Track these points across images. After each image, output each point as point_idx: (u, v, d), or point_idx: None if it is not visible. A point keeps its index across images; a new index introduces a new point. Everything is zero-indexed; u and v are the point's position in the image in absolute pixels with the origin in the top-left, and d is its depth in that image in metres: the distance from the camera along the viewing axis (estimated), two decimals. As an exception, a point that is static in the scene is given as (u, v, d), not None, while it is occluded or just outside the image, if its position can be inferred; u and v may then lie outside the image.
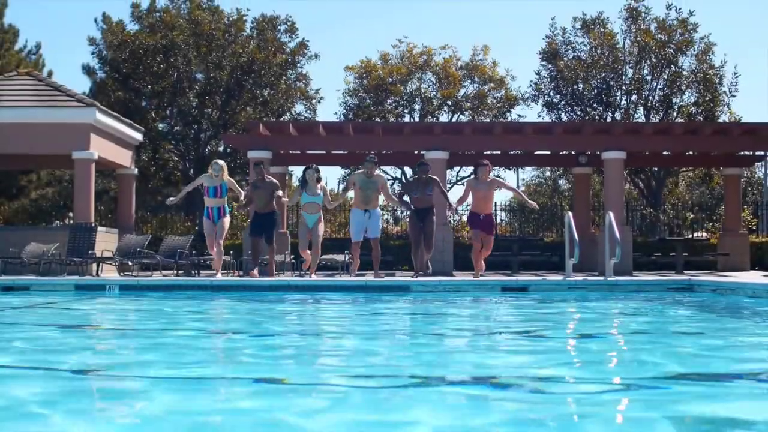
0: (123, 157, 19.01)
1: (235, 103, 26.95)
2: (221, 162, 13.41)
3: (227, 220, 13.31)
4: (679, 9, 26.38)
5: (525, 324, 7.61)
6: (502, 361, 4.92)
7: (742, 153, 19.96)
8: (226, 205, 13.37)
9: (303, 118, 28.17)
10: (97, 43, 27.84)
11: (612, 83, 26.67)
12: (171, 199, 14.12)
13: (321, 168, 13.34)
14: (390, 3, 69.26)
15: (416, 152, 19.44)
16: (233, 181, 13.50)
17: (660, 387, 3.92)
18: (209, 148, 27.79)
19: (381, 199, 13.46)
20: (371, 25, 69.69)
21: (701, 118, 25.97)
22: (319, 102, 28.85)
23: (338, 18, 70.27)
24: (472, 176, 13.92)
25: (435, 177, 13.54)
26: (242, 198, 13.69)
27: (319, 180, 13.13)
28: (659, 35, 26.24)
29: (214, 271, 13.41)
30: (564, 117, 26.81)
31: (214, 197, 13.22)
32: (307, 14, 61.87)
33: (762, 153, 20.07)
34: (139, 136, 19.83)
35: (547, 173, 38.10)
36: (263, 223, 13.29)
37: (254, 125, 18.16)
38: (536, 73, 27.71)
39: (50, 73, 28.10)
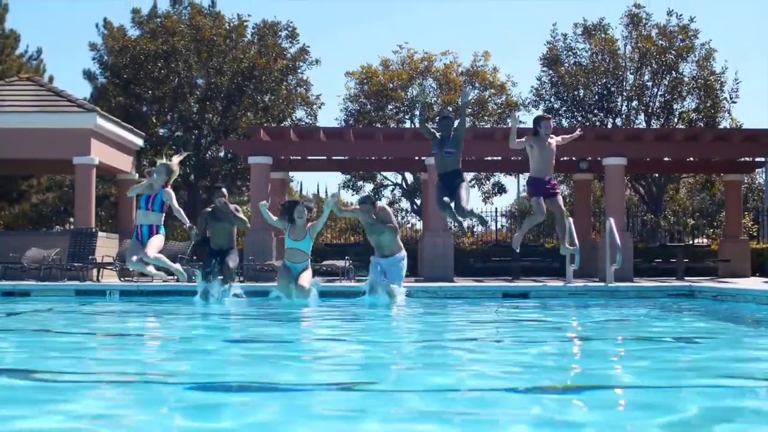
0: (124, 163, 19.02)
1: (235, 109, 26.96)
2: (167, 163, 10.38)
3: (161, 236, 10.22)
4: (680, 15, 26.38)
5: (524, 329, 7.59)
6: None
7: (742, 159, 19.95)
8: (161, 225, 10.26)
9: (304, 123, 28.16)
10: (98, 48, 27.87)
11: (613, 89, 26.67)
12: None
13: (322, 174, 12.44)
14: (391, 9, 69.36)
15: (417, 158, 19.44)
16: (173, 195, 10.30)
17: (659, 392, 3.91)
18: (210, 153, 27.80)
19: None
20: (372, 31, 69.76)
21: (702, 125, 25.96)
22: (319, 108, 28.85)
23: (339, 24, 70.35)
24: (531, 134, 11.15)
25: (458, 126, 10.78)
26: (187, 226, 10.49)
27: (310, 219, 11.01)
28: (660, 41, 26.24)
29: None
30: (565, 123, 26.80)
31: (144, 209, 10.15)
32: (307, 20, 61.90)
33: (763, 159, 20.08)
34: (139, 142, 19.84)
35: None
36: (223, 262, 10.93)
37: (255, 131, 18.17)
38: (537, 79, 27.74)
39: (51, 78, 28.12)
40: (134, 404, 3.69)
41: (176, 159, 10.48)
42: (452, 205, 10.33)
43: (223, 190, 11.28)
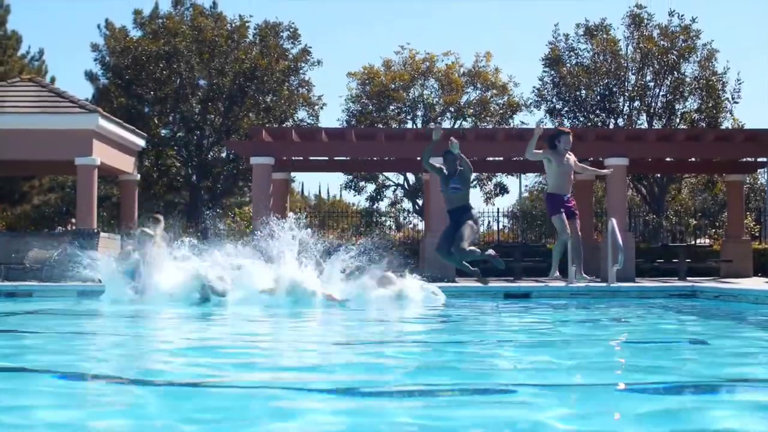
0: (125, 163, 19.03)
1: (237, 110, 26.98)
2: (151, 233, 10.15)
3: None
4: (682, 16, 26.37)
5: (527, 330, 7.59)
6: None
7: (744, 159, 19.93)
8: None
9: (305, 124, 28.18)
10: (99, 49, 27.90)
11: (615, 89, 26.66)
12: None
13: (324, 174, 12.19)
14: (392, 9, 69.46)
15: (419, 158, 19.41)
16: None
17: (661, 394, 3.90)
18: (212, 154, 27.83)
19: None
20: (374, 32, 69.92)
21: (704, 125, 25.95)
22: (321, 108, 28.88)
23: (341, 24, 70.49)
24: (550, 148, 10.61)
25: (463, 163, 10.37)
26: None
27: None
28: (662, 42, 26.24)
29: None
30: (567, 123, 26.79)
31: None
32: (309, 21, 62.05)
33: (765, 159, 20.02)
34: (141, 142, 19.85)
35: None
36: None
37: (257, 131, 18.16)
38: (539, 80, 27.74)
39: (53, 79, 28.15)
40: (132, 403, 3.69)
41: (159, 231, 10.33)
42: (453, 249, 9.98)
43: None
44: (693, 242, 24.46)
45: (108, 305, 10.05)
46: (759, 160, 20.08)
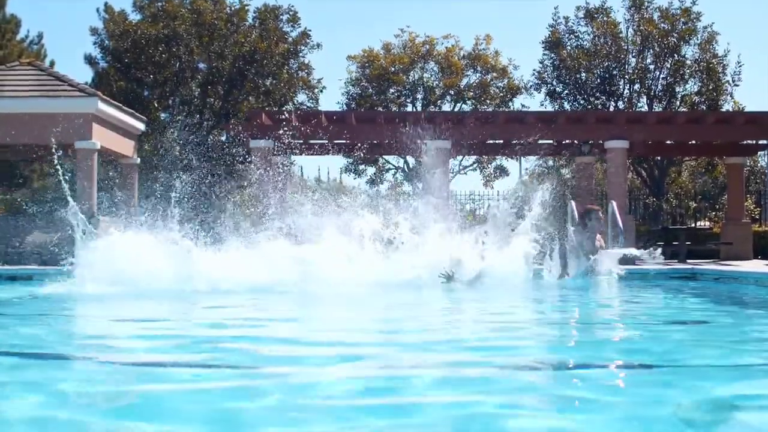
0: (125, 147, 19.01)
1: (237, 93, 26.94)
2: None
3: None
4: (683, -2, 26.33)
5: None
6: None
7: (745, 142, 19.92)
8: None
9: (305, 107, 28.15)
10: (99, 33, 27.82)
11: (615, 72, 26.62)
12: None
13: (323, 158, 11.97)
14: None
15: (419, 141, 19.38)
16: None
17: (662, 375, 3.92)
18: (212, 137, 27.81)
19: None
20: (373, 15, 69.58)
21: (704, 108, 25.93)
22: (321, 91, 28.84)
23: (340, 7, 70.15)
24: (580, 227, 10.59)
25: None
26: None
27: None
28: (662, 24, 26.17)
29: None
30: (567, 106, 26.77)
31: None
32: (309, 4, 61.69)
33: (765, 142, 20.02)
34: (141, 126, 19.82)
35: (550, 162, 38.07)
36: None
37: (256, 114, 18.15)
38: (539, 62, 27.68)
39: (52, 63, 28.07)
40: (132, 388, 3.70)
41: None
42: None
43: None
44: (693, 225, 24.47)
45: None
46: (759, 142, 20.08)
